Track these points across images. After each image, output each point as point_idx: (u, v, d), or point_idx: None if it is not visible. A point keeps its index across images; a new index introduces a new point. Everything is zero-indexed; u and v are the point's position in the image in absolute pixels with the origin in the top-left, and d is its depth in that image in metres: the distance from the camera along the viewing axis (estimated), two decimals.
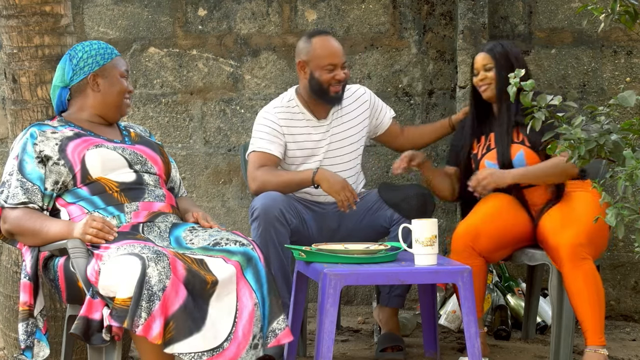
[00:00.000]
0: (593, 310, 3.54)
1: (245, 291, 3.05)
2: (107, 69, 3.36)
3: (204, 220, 3.34)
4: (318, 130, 4.05)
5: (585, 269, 3.54)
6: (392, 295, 3.99)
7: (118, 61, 3.40)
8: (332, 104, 4.05)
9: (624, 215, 2.42)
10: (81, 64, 3.34)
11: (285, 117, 4.02)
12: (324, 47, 3.99)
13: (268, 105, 4.11)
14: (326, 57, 3.98)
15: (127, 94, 3.41)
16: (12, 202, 3.17)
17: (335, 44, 4.03)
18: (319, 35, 4.04)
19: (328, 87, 3.98)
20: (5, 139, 4.90)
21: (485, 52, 3.88)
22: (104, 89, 3.36)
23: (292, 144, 4.01)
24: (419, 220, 3.33)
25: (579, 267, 3.54)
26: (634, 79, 4.67)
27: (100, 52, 3.37)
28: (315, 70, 3.98)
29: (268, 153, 3.97)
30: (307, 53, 4.01)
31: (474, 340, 3.25)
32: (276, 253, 3.74)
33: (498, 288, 4.45)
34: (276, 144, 3.99)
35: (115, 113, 3.40)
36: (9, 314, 3.71)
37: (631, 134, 2.48)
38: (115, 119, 3.43)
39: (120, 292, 2.86)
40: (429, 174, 4.03)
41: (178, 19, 4.90)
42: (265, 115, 4.04)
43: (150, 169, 3.35)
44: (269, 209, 3.75)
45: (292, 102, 4.07)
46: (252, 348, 3.02)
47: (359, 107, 4.14)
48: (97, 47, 3.38)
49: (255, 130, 4.04)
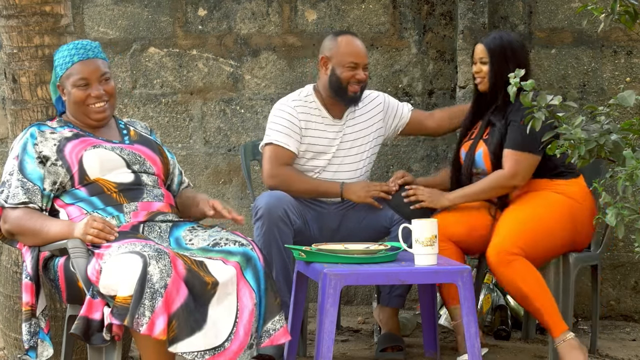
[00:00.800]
0: (543, 304, 3.54)
1: (246, 291, 3.05)
2: (63, 79, 3.33)
3: (226, 211, 3.30)
4: (332, 129, 4.06)
5: (516, 268, 3.55)
6: (393, 295, 4.00)
7: (76, 68, 3.31)
8: (349, 104, 4.06)
9: (624, 215, 2.42)
10: (55, 73, 3.36)
11: (303, 112, 4.03)
12: (349, 45, 4.01)
13: (285, 98, 4.10)
14: (350, 55, 3.99)
15: (92, 99, 3.30)
16: (12, 202, 3.17)
17: (360, 44, 4.06)
18: (346, 35, 4.07)
19: (347, 85, 3.99)
20: (5, 139, 4.90)
21: (482, 45, 3.87)
22: (67, 98, 3.36)
23: (305, 138, 4.02)
24: (419, 220, 3.33)
25: (507, 269, 3.55)
26: (634, 79, 4.67)
27: (59, 63, 3.34)
28: (337, 67, 4.00)
29: (285, 148, 3.98)
30: (331, 49, 4.02)
31: (474, 340, 3.25)
32: (279, 253, 3.74)
33: (498, 288, 4.45)
34: (293, 139, 3.99)
35: (87, 119, 3.34)
36: (9, 314, 3.71)
37: (631, 134, 2.48)
38: (93, 124, 3.35)
39: (121, 290, 2.86)
40: (423, 183, 4.05)
41: (178, 19, 4.90)
42: (284, 108, 4.04)
43: (148, 169, 3.34)
44: (273, 209, 3.75)
45: (310, 97, 4.07)
46: (248, 348, 3.02)
47: (372, 110, 4.14)
48: (61, 55, 3.34)
49: (273, 122, 4.03)
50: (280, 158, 3.97)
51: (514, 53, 3.82)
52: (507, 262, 3.55)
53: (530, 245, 3.59)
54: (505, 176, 3.73)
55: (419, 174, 4.81)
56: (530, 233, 3.61)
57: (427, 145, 4.83)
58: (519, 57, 3.82)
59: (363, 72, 4.02)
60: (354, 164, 4.08)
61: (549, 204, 3.70)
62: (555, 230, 3.66)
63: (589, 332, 4.37)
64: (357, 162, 4.09)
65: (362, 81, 4.02)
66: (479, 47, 3.88)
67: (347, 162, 4.07)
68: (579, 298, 4.56)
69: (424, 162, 4.84)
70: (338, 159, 4.05)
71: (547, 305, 3.55)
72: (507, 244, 3.57)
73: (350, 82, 4.00)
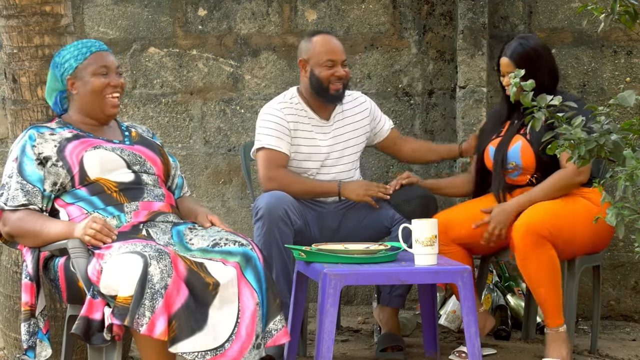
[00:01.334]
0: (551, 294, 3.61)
1: (246, 291, 3.05)
2: (80, 69, 3.32)
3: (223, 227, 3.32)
4: (321, 130, 4.05)
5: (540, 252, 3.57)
6: (393, 295, 3.99)
7: (94, 58, 3.32)
8: (333, 103, 4.05)
9: (624, 215, 2.42)
10: (61, 70, 3.34)
11: (290, 113, 4.02)
12: (323, 44, 4.01)
13: (271, 102, 4.10)
14: (326, 53, 3.99)
15: (110, 88, 3.32)
16: (12, 205, 3.17)
17: (335, 41, 4.05)
18: (320, 34, 4.07)
19: (328, 85, 3.99)
20: (5, 139, 4.90)
21: (507, 58, 3.82)
22: (81, 91, 3.32)
23: (295, 140, 4.01)
24: (419, 220, 3.33)
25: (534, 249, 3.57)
26: (634, 79, 4.67)
27: (74, 54, 3.33)
28: (316, 68, 3.99)
29: (278, 151, 3.97)
30: (307, 51, 4.02)
31: (474, 340, 3.25)
32: (279, 253, 3.74)
33: (498, 288, 4.45)
34: (284, 141, 3.99)
35: (98, 112, 3.33)
36: (9, 314, 3.71)
37: (631, 134, 2.48)
38: (102, 119, 3.35)
39: (121, 290, 2.86)
40: (429, 186, 4.05)
41: (178, 19, 4.90)
42: (271, 112, 4.03)
43: (149, 169, 3.34)
44: (273, 209, 3.75)
45: (295, 99, 4.07)
46: (255, 348, 3.02)
47: (361, 113, 4.14)
48: (72, 49, 3.34)
49: (261, 126, 4.03)
50: (274, 161, 3.96)
51: (539, 56, 3.82)
52: (534, 242, 3.56)
53: (555, 235, 3.60)
54: (571, 174, 3.70)
55: (419, 174, 4.81)
56: (557, 221, 3.61)
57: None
58: (544, 59, 3.82)
59: (342, 69, 4.00)
60: (346, 164, 4.08)
61: (575, 204, 3.70)
62: (577, 229, 3.68)
63: (589, 332, 4.37)
64: (349, 162, 4.09)
65: (343, 77, 4.01)
66: (504, 60, 3.84)
67: (339, 162, 4.06)
68: (579, 298, 4.55)
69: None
70: (331, 160, 4.05)
71: (554, 297, 3.62)
72: (537, 224, 3.57)
73: (331, 81, 3.99)
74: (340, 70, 4.00)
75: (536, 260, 3.58)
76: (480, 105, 4.59)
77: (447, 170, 4.81)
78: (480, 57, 4.59)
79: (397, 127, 4.67)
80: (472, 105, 4.60)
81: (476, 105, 4.60)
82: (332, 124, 4.07)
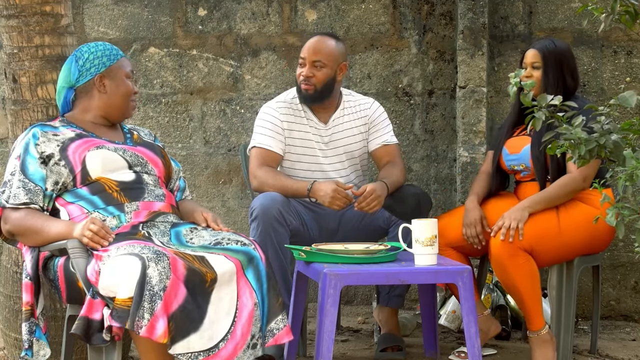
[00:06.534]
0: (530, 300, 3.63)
1: (246, 290, 3.05)
2: (114, 70, 3.36)
3: (214, 222, 3.34)
4: (318, 132, 4.04)
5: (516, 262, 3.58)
6: (392, 295, 3.99)
7: (124, 62, 3.40)
8: (306, 103, 4.02)
9: (624, 215, 2.42)
10: (87, 65, 3.34)
11: (287, 113, 4.02)
12: (307, 42, 4.01)
13: (271, 100, 4.10)
14: (301, 52, 3.99)
15: (133, 95, 3.41)
16: (13, 203, 3.17)
17: (315, 41, 3.98)
18: (317, 34, 4.06)
19: (300, 83, 3.98)
20: (6, 139, 4.90)
21: (536, 50, 3.83)
22: (110, 90, 3.36)
23: (289, 140, 4.01)
24: (419, 220, 3.33)
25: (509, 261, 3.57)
26: (634, 79, 4.67)
27: (106, 53, 3.37)
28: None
29: (269, 150, 3.97)
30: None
31: (474, 340, 3.25)
32: (275, 253, 3.73)
33: (498, 288, 4.45)
34: (277, 140, 3.98)
35: (120, 114, 3.40)
36: (9, 314, 3.71)
37: (631, 134, 2.48)
38: (120, 120, 3.43)
39: (120, 292, 2.86)
40: None
41: (178, 19, 4.90)
42: (268, 111, 4.03)
43: (150, 170, 3.35)
44: (267, 210, 3.74)
45: (295, 99, 4.07)
46: (250, 348, 3.02)
47: (359, 120, 4.10)
48: (103, 48, 3.38)
49: (257, 125, 4.03)
50: (262, 159, 3.95)
51: (567, 60, 3.82)
52: (510, 253, 3.57)
53: (534, 245, 3.60)
54: (578, 180, 3.69)
55: (419, 173, 4.81)
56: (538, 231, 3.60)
57: (427, 146, 4.83)
58: (570, 64, 3.83)
59: (309, 70, 3.93)
60: (347, 168, 4.07)
61: (567, 209, 3.69)
62: (568, 234, 3.66)
63: (589, 332, 4.37)
64: (350, 166, 4.08)
65: (307, 78, 3.94)
66: (532, 52, 3.83)
67: (338, 167, 4.05)
68: (579, 298, 4.56)
69: (424, 162, 4.84)
70: (327, 165, 4.04)
71: (533, 302, 3.64)
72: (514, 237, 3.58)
73: (300, 80, 3.99)
74: (305, 70, 3.95)
75: (512, 270, 3.58)
76: (480, 105, 4.60)
77: (447, 170, 4.82)
78: (480, 57, 4.59)
79: (396, 127, 4.68)
80: (472, 105, 4.60)
81: (476, 105, 4.60)
82: (330, 128, 4.06)
